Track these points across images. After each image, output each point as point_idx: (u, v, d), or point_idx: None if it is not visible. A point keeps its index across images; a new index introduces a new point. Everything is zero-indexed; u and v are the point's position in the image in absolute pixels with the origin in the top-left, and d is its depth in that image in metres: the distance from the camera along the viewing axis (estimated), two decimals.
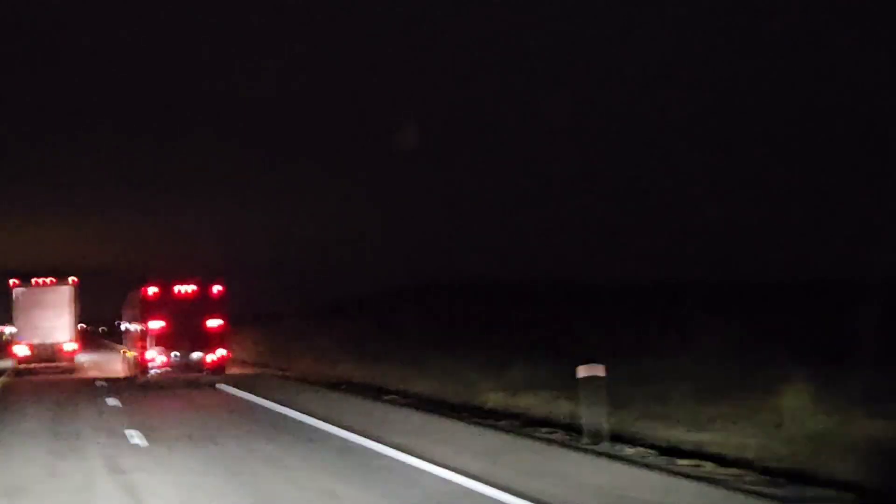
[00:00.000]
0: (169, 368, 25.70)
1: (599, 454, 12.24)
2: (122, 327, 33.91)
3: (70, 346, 34.53)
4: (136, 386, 26.70)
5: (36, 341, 34.07)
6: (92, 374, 38.38)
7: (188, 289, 26.09)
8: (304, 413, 18.24)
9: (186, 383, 26.43)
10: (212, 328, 26.08)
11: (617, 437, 12.92)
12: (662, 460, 11.62)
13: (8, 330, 42.02)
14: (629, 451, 12.33)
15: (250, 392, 24.10)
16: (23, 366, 34.19)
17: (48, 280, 34.51)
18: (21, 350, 34.27)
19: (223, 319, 26.25)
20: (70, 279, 34.71)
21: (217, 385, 26.39)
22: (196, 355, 25.86)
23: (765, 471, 10.41)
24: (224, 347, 26.22)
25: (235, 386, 26.13)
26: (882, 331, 13.15)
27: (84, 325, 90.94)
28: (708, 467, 11.01)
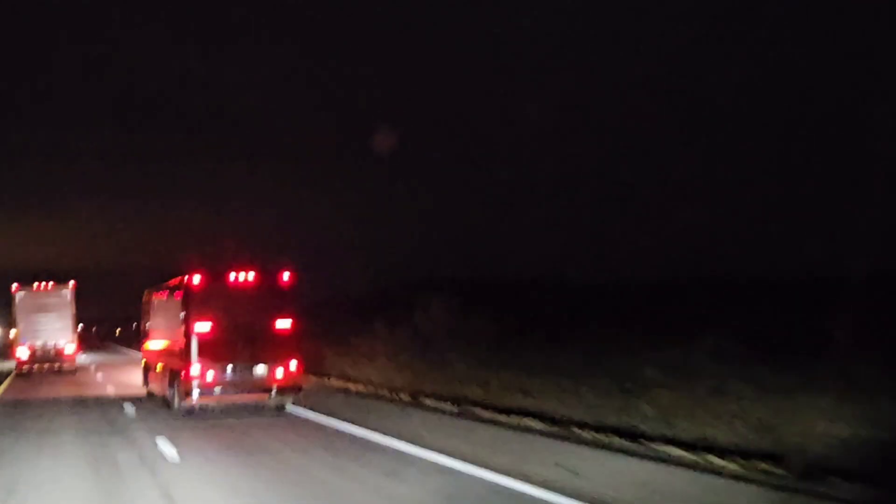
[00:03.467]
0: (221, 388, 18.27)
1: None
2: (144, 330, 26.41)
3: (70, 348, 35.15)
4: (174, 414, 19.31)
5: (37, 343, 34.53)
6: (98, 379, 31.50)
7: (247, 277, 18.67)
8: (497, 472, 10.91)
9: (246, 408, 19.11)
10: (281, 331, 18.68)
11: None
12: None
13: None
14: None
15: (347, 421, 16.78)
16: (24, 367, 34.47)
17: (48, 284, 35.07)
18: (22, 352, 34.63)
19: (295, 318, 18.84)
20: (69, 282, 35.25)
21: (288, 407, 19.11)
22: (260, 369, 18.43)
23: None
24: (297, 357, 18.80)
25: (315, 409, 18.84)
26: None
27: (88, 326, 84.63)
28: None
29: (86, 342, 53.83)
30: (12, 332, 36.56)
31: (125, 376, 33.13)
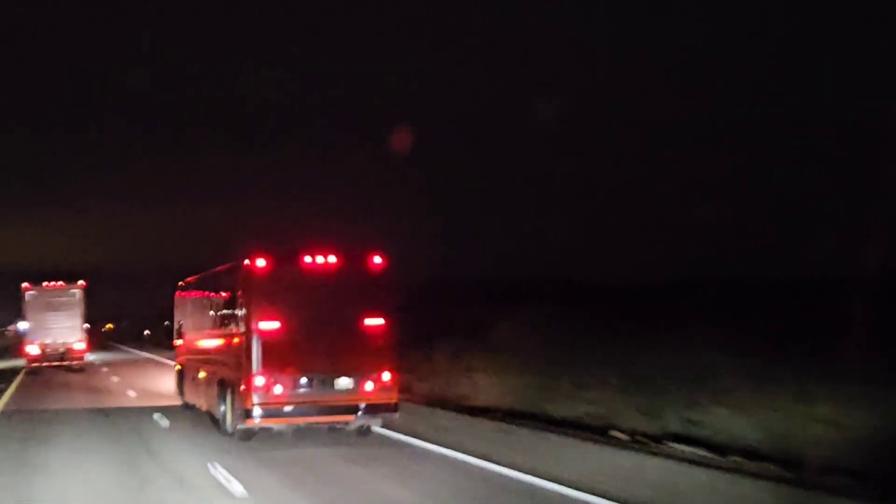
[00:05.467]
0: (292, 406, 13.88)
1: None
2: (176, 330, 22.08)
3: (80, 346, 35.63)
4: (228, 437, 14.99)
5: (48, 341, 35.00)
6: (119, 386, 27.28)
7: (326, 260, 14.28)
8: None
9: (319, 431, 14.80)
10: (371, 331, 14.31)
11: None
12: None
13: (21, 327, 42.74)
14: None
15: (469, 453, 12.44)
16: (34, 364, 34.85)
17: (58, 283, 35.56)
18: (33, 350, 35.12)
19: (389, 315, 14.44)
20: (79, 282, 35.74)
21: (374, 430, 14.83)
22: (343, 382, 14.03)
23: None
24: (391, 366, 14.40)
25: (415, 433, 14.51)
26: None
27: (97, 328, 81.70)
28: None
29: (96, 343, 51.12)
30: (21, 325, 37.74)
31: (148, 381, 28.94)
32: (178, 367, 21.41)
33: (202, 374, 17.91)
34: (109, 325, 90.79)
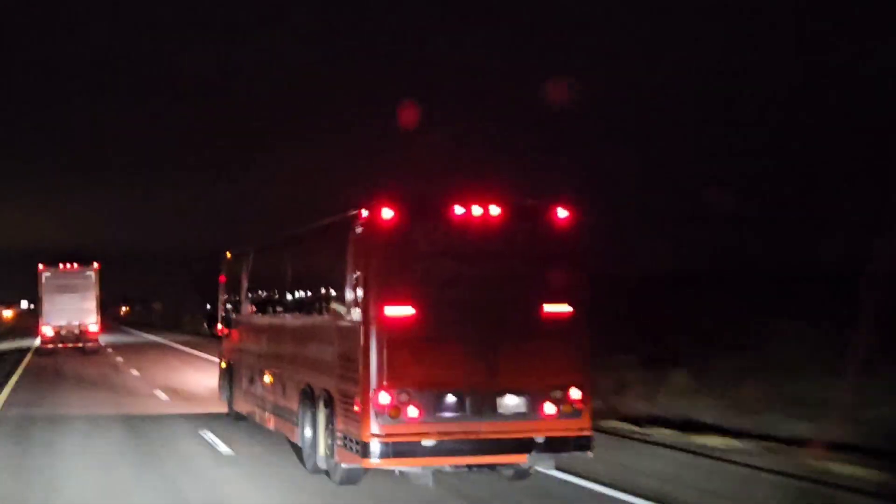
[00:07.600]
0: (433, 440, 8.92)
1: None
2: (223, 315, 17.11)
3: (94, 328, 35.78)
4: (322, 478, 10.11)
5: (62, 323, 35.10)
6: (154, 393, 22.10)
7: (487, 213, 9.27)
8: None
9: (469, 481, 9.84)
10: (553, 320, 9.30)
11: None
12: None
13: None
14: None
15: None
16: (49, 345, 35.19)
17: (74, 265, 35.84)
18: (47, 330, 35.37)
19: (579, 299, 9.42)
20: (94, 264, 35.98)
21: (539, 467, 9.92)
22: (512, 402, 9.05)
23: None
24: (582, 380, 9.40)
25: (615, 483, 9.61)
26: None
27: (126, 309, 78.21)
28: None
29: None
30: (24, 303, 37.71)
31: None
32: (225, 363, 16.54)
33: (269, 377, 13.00)
34: (126, 308, 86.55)
